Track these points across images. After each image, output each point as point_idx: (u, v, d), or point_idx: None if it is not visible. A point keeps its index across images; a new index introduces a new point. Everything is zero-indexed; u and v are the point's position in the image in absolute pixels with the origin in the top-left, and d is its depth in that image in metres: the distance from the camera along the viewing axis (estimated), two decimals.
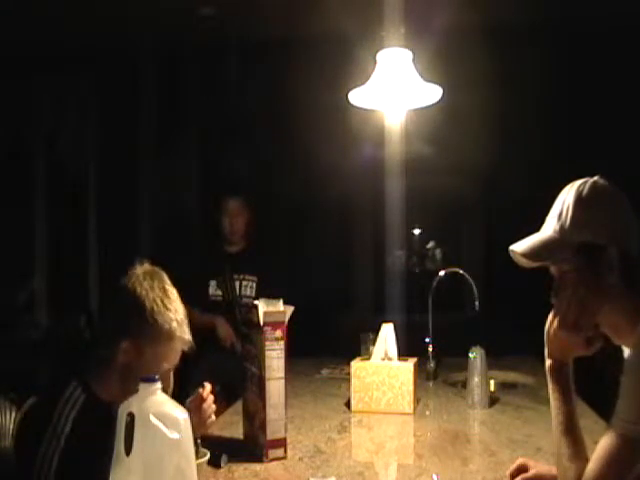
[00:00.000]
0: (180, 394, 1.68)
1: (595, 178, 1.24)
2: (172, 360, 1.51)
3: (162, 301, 1.47)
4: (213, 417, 1.72)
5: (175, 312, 1.48)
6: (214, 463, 1.63)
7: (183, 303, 1.66)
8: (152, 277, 1.50)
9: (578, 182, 1.24)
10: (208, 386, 1.72)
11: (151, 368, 1.45)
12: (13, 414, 1.64)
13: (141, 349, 1.46)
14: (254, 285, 3.28)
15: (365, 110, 2.35)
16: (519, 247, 1.25)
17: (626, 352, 1.23)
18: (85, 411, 1.44)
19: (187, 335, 1.51)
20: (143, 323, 1.45)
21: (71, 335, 4.16)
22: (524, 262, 1.25)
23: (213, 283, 3.27)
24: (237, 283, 3.27)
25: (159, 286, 1.49)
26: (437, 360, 2.74)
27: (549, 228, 1.24)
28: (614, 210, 1.21)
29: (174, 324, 1.46)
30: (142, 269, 1.52)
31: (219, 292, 3.27)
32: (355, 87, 2.18)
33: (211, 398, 1.71)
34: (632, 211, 1.22)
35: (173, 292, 1.52)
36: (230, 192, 3.40)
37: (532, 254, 1.23)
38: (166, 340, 1.46)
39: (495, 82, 3.99)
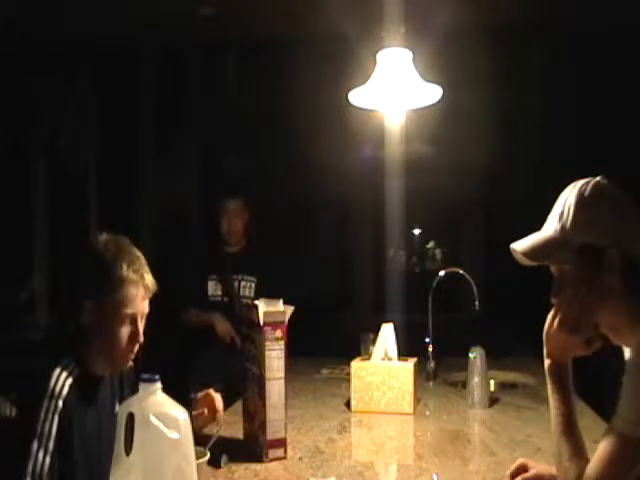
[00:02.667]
0: (182, 392, 1.68)
1: (598, 178, 1.23)
2: (133, 306, 1.52)
3: (114, 253, 1.52)
4: (221, 413, 1.78)
5: (128, 261, 1.52)
6: (214, 463, 1.63)
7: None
8: (106, 241, 1.56)
9: (581, 182, 1.23)
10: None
11: (114, 317, 1.50)
12: (13, 414, 1.64)
13: (101, 303, 1.50)
14: (253, 286, 3.27)
15: (365, 110, 2.35)
16: (519, 246, 1.25)
17: (626, 352, 1.23)
18: (79, 382, 1.48)
19: (144, 280, 1.53)
20: (95, 276, 1.51)
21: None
22: (524, 260, 1.25)
23: (212, 283, 3.26)
24: (236, 283, 3.27)
25: (112, 243, 1.55)
26: (437, 360, 2.74)
27: (550, 228, 1.23)
28: (616, 211, 1.20)
29: (124, 271, 1.50)
30: (99, 238, 1.57)
31: (218, 292, 3.27)
32: (355, 87, 2.18)
33: (219, 398, 1.78)
34: (635, 212, 1.21)
35: (129, 248, 1.57)
36: (229, 193, 3.39)
37: (532, 253, 1.23)
38: (120, 286, 1.50)
39: (495, 82, 3.99)
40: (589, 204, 1.19)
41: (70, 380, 1.46)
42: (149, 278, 1.55)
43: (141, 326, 1.56)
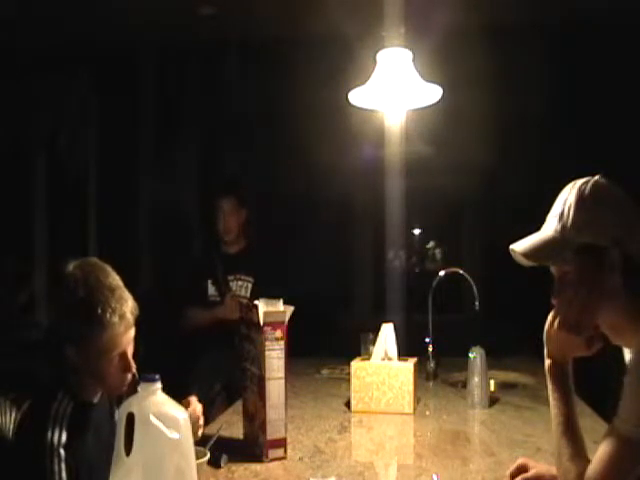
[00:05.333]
0: (182, 393, 1.68)
1: (596, 177, 1.22)
2: (119, 346, 1.48)
3: (86, 295, 1.44)
4: (200, 422, 1.72)
5: (104, 301, 1.44)
6: (214, 463, 1.63)
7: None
8: (75, 278, 1.47)
9: (580, 181, 1.23)
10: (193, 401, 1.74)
11: (100, 360, 1.47)
12: (13, 414, 1.64)
13: (84, 348, 1.46)
14: (249, 286, 3.25)
15: (365, 110, 2.35)
16: (519, 246, 1.25)
17: (626, 352, 1.23)
18: (76, 417, 1.46)
19: (125, 318, 1.46)
20: (74, 324, 1.45)
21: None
22: (524, 261, 1.24)
23: (210, 283, 3.26)
24: (233, 284, 3.26)
25: (81, 278, 1.46)
26: (437, 360, 2.74)
27: (550, 228, 1.23)
28: (617, 211, 1.20)
29: (101, 317, 1.43)
30: (71, 268, 1.49)
31: (216, 292, 3.26)
32: (355, 87, 2.18)
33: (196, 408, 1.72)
34: (635, 212, 1.21)
35: (99, 278, 1.48)
36: (224, 191, 3.38)
37: (532, 254, 1.22)
38: (101, 332, 1.44)
39: (495, 82, 3.99)
40: (589, 204, 1.19)
41: (66, 421, 1.44)
42: (129, 308, 1.48)
43: (130, 351, 1.52)
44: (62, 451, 1.40)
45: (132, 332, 1.51)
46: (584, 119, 4.06)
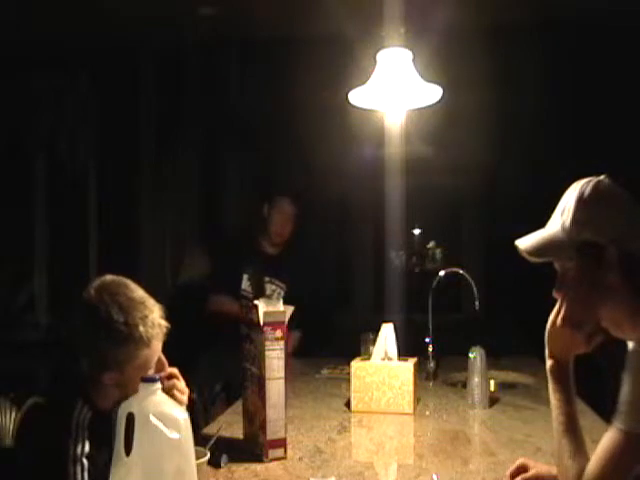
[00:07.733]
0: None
1: (600, 178, 1.24)
2: (157, 353, 1.48)
3: (126, 317, 1.41)
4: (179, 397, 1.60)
5: (142, 318, 1.41)
6: (214, 463, 1.63)
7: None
8: (104, 301, 1.42)
9: (583, 181, 1.24)
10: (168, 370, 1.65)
11: (138, 375, 1.42)
12: (13, 414, 1.64)
13: (125, 369, 1.44)
14: (282, 293, 3.20)
15: (365, 110, 2.35)
16: (523, 243, 1.26)
17: (630, 348, 1.23)
18: (95, 426, 1.45)
19: (161, 327, 1.44)
20: (118, 350, 1.42)
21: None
22: (528, 257, 1.26)
23: (245, 277, 3.22)
24: (267, 286, 3.23)
25: (114, 304, 1.42)
26: (437, 360, 2.74)
27: (553, 225, 1.25)
28: (616, 210, 1.21)
29: (143, 333, 1.41)
30: (92, 293, 1.46)
31: (250, 288, 3.22)
32: (355, 87, 2.18)
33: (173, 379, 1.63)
34: (636, 211, 1.22)
35: (129, 297, 1.44)
36: (293, 199, 3.36)
37: (534, 251, 1.24)
38: (144, 347, 1.43)
39: (495, 82, 3.99)
40: (589, 202, 1.20)
41: (87, 432, 1.43)
42: (159, 314, 1.46)
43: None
44: (85, 461, 1.39)
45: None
46: (584, 119, 4.06)
